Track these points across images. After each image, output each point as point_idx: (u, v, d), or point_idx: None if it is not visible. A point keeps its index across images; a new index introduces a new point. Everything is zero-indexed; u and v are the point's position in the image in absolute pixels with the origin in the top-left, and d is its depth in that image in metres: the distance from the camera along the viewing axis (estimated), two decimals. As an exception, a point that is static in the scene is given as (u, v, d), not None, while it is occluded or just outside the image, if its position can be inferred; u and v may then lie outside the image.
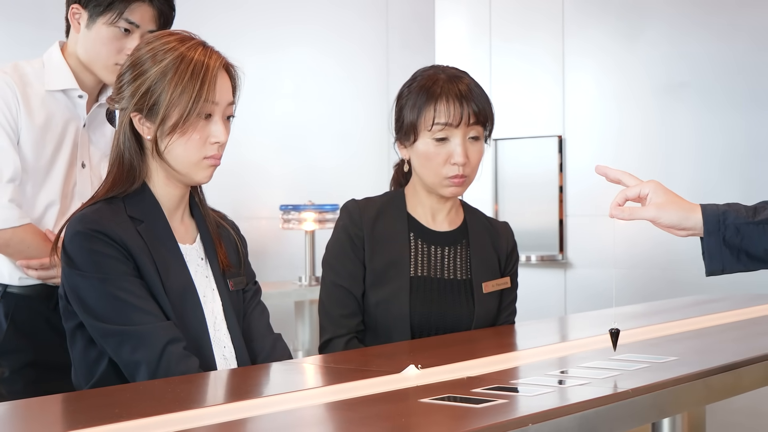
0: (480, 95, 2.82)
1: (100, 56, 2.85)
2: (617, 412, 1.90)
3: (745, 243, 2.13)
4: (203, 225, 2.47)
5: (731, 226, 2.13)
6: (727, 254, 2.14)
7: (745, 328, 2.92)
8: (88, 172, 2.93)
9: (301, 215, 5.51)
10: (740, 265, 2.16)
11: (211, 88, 2.32)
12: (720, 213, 2.14)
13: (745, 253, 2.14)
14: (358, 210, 2.85)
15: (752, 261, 2.15)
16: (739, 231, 2.13)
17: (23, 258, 2.79)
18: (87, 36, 2.85)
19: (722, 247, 2.14)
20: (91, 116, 2.94)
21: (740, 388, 2.31)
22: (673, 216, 2.15)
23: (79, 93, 2.90)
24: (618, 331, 2.22)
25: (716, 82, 5.02)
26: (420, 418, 1.74)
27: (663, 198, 2.17)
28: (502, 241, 2.96)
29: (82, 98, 2.90)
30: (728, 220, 2.13)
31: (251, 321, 2.51)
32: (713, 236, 2.14)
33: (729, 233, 2.13)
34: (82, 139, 2.92)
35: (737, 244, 2.13)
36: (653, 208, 2.16)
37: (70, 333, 2.33)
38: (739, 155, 4.93)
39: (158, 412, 1.75)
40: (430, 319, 2.81)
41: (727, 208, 2.15)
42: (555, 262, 5.53)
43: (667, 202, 2.16)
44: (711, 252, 2.15)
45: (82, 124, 2.92)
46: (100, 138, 2.97)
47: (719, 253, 2.15)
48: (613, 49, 5.39)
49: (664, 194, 2.17)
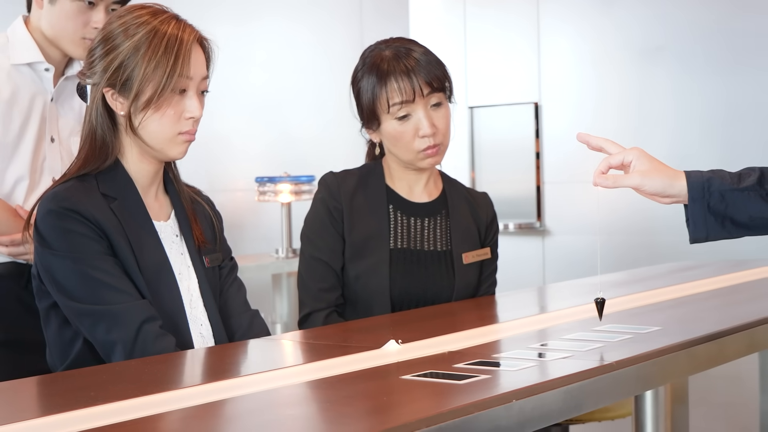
0: (428, 63, 2.77)
1: (66, 31, 2.81)
2: (602, 385, 1.88)
3: (730, 210, 2.12)
4: (178, 201, 2.44)
5: (716, 193, 2.11)
6: (712, 221, 2.13)
7: (727, 295, 2.92)
8: (57, 147, 2.88)
9: (276, 187, 5.47)
10: (725, 232, 2.15)
11: (185, 62, 2.27)
12: (704, 180, 2.12)
13: (730, 220, 2.12)
14: (337, 183, 2.82)
15: (736, 228, 2.13)
16: (724, 198, 2.11)
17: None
18: (51, 11, 2.81)
19: (707, 214, 2.12)
20: (58, 90, 2.89)
21: (724, 357, 2.31)
22: (657, 183, 2.13)
23: (46, 66, 2.85)
24: (603, 301, 2.21)
25: (694, 45, 5.00)
26: (402, 396, 1.71)
27: (647, 165, 2.15)
28: (481, 212, 2.94)
29: (48, 71, 2.86)
30: (713, 187, 2.11)
31: (228, 298, 2.48)
32: (698, 203, 2.12)
33: (713, 200, 2.11)
34: (50, 113, 2.87)
35: (722, 211, 2.12)
36: (637, 176, 2.14)
37: (44, 313, 2.30)
38: (718, 119, 4.91)
39: (135, 394, 1.72)
40: (410, 292, 2.79)
41: (712, 175, 2.13)
42: (533, 229, 5.52)
43: (651, 170, 2.14)
44: (695, 219, 2.13)
45: (50, 98, 2.87)
46: (69, 111, 2.92)
47: (704, 220, 2.13)
48: (589, 14, 5.35)
49: (648, 161, 2.15)
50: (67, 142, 2.90)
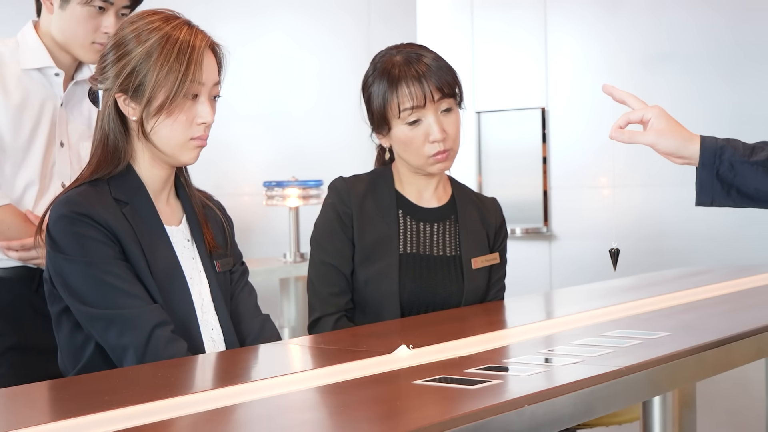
0: (439, 68, 2.78)
1: (76, 36, 2.82)
2: (612, 391, 1.89)
3: (738, 180, 2.16)
4: (189, 206, 2.44)
5: (726, 162, 2.16)
6: (718, 188, 2.18)
7: (734, 301, 2.92)
8: (67, 152, 2.89)
9: (284, 191, 5.48)
10: (729, 200, 2.20)
11: (197, 68, 2.28)
12: (718, 147, 2.18)
13: (736, 190, 2.17)
14: (346, 187, 2.82)
15: (741, 197, 2.19)
16: (733, 167, 2.15)
17: (4, 239, 2.75)
18: (61, 16, 2.82)
19: (714, 180, 2.18)
20: (68, 94, 2.90)
21: (732, 363, 2.31)
22: (671, 143, 2.18)
23: (56, 71, 2.86)
24: (618, 251, 2.23)
25: (701, 51, 5.00)
26: (414, 401, 1.72)
27: (664, 124, 2.20)
28: (490, 217, 2.95)
29: (58, 76, 2.86)
30: (724, 155, 2.16)
31: (239, 302, 2.48)
32: (707, 168, 2.17)
33: (723, 168, 2.16)
34: (60, 118, 2.88)
35: (729, 179, 2.16)
36: (653, 134, 2.19)
37: (55, 317, 2.31)
38: (724, 125, 4.91)
39: (148, 398, 1.73)
40: (419, 296, 2.79)
41: (726, 143, 2.19)
42: (540, 234, 5.52)
43: (667, 129, 2.19)
44: (702, 183, 2.18)
45: (60, 103, 2.88)
46: (78, 116, 2.93)
47: (710, 185, 2.18)
48: (595, 20, 5.36)
49: (666, 120, 2.21)
50: (76, 146, 2.91)
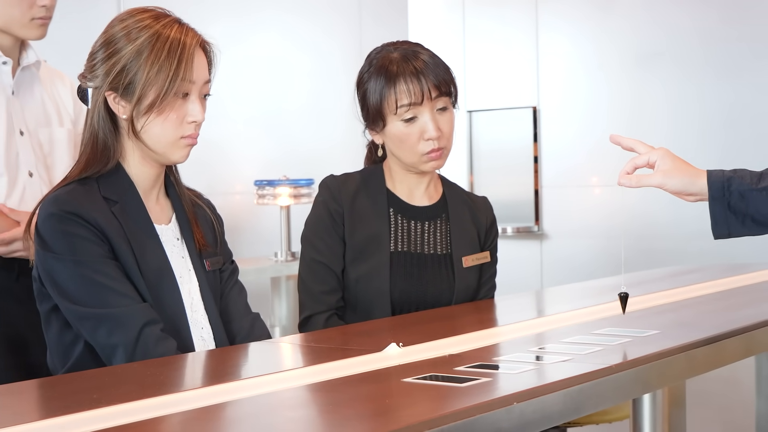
0: (436, 66, 2.78)
1: (14, 17, 2.79)
2: (601, 388, 1.89)
3: (750, 209, 2.18)
4: (179, 204, 2.44)
5: (735, 193, 2.18)
6: (733, 219, 2.20)
7: (724, 299, 2.93)
8: (28, 140, 2.84)
9: (275, 190, 5.47)
10: (746, 229, 2.22)
11: (188, 66, 2.28)
12: (725, 179, 2.20)
13: (750, 219, 2.20)
14: (338, 185, 2.82)
15: (757, 226, 2.21)
16: (744, 197, 2.18)
17: None
18: None
19: (727, 212, 2.20)
20: (17, 82, 2.86)
21: (722, 360, 2.32)
22: (679, 182, 2.21)
23: (3, 59, 2.82)
24: (627, 295, 2.26)
25: (693, 50, 5.01)
26: (404, 399, 1.72)
27: (670, 164, 2.22)
28: (481, 216, 2.95)
29: (6, 65, 2.83)
30: (732, 186, 2.18)
31: (229, 301, 2.48)
32: (718, 202, 2.20)
33: (734, 199, 2.18)
34: (14, 106, 2.84)
35: (742, 209, 2.19)
36: (659, 175, 2.22)
37: (44, 316, 2.30)
38: (716, 124, 4.92)
39: (138, 396, 1.73)
40: (410, 295, 2.79)
41: (732, 174, 2.21)
42: (531, 233, 5.53)
43: (673, 169, 2.21)
44: (716, 217, 2.21)
45: (11, 91, 2.84)
46: (31, 102, 2.89)
47: (725, 218, 2.21)
48: (588, 19, 5.36)
49: (672, 161, 2.23)
50: (35, 133, 2.87)
